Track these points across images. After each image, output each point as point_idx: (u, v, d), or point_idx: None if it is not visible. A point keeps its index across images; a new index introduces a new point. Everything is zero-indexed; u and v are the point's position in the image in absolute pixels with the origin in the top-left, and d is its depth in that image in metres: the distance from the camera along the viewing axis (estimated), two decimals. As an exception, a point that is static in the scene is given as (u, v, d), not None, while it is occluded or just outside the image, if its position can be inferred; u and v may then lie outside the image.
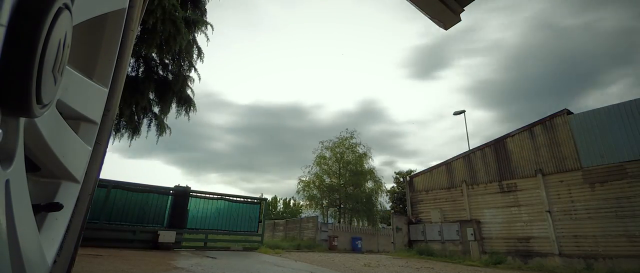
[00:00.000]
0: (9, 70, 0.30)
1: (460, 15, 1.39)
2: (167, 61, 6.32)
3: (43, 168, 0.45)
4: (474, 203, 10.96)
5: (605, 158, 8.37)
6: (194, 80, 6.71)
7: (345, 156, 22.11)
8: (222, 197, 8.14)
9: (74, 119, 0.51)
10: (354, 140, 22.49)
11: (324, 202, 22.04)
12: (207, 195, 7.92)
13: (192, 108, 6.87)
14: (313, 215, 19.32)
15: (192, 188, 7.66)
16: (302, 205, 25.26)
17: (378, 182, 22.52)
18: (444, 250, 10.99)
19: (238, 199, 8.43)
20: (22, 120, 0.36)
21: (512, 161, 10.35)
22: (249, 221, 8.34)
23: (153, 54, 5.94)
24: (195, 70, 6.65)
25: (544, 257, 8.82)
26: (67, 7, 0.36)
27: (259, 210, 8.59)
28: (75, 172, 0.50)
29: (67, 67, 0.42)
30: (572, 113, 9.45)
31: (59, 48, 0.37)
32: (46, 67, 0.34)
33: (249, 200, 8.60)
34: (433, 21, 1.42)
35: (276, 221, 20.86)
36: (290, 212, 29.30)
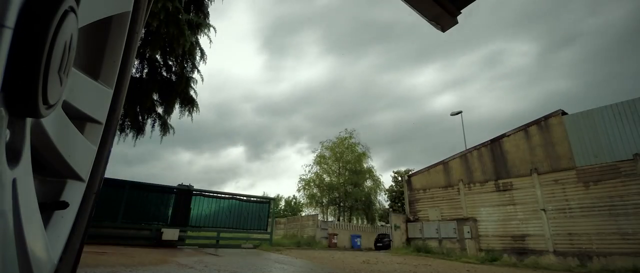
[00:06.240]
0: (16, 71, 0.31)
1: (457, 17, 1.41)
2: (170, 63, 6.33)
3: (49, 168, 0.46)
4: (470, 202, 11.08)
5: (598, 158, 8.49)
6: (196, 81, 6.73)
7: (344, 155, 22.22)
8: (234, 196, 8.33)
9: (79, 119, 0.51)
10: (353, 140, 22.62)
11: (324, 200, 22.17)
12: (216, 195, 8.02)
13: (195, 108, 6.89)
14: (313, 213, 19.40)
15: (195, 187, 7.68)
16: (302, 204, 25.35)
17: (377, 181, 22.68)
18: (441, 248, 11.10)
19: (248, 198, 8.56)
20: (29, 120, 0.36)
21: (508, 160, 10.45)
22: (259, 219, 8.47)
23: (157, 56, 5.93)
24: (198, 71, 6.66)
25: (539, 254, 8.95)
26: (72, 9, 0.37)
27: (268, 209, 8.69)
28: (80, 171, 0.51)
29: (72, 68, 0.43)
30: (566, 113, 9.56)
31: (64, 50, 0.37)
32: (52, 69, 0.35)
33: (259, 199, 8.80)
34: (431, 23, 1.43)
35: (277, 219, 20.91)
36: (291, 210, 29.37)
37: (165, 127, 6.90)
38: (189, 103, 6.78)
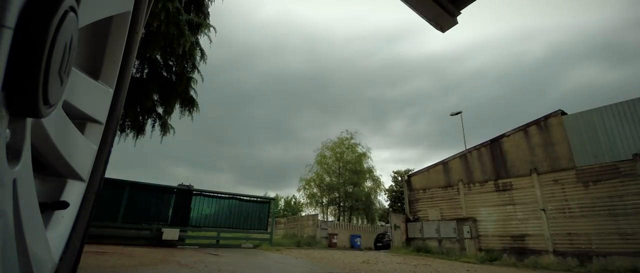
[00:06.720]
0: (17, 71, 0.31)
1: (457, 18, 1.41)
2: (170, 63, 6.32)
3: (49, 167, 0.46)
4: (470, 202, 11.09)
5: (598, 158, 8.50)
6: (197, 81, 6.72)
7: (345, 156, 22.25)
8: (234, 196, 8.33)
9: (80, 119, 0.51)
10: (353, 141, 22.65)
11: (324, 200, 22.19)
12: (216, 194, 8.02)
13: (195, 109, 6.89)
14: (313, 213, 19.42)
15: (195, 187, 7.69)
16: (302, 204, 25.37)
17: (377, 181, 22.71)
18: (441, 248, 11.12)
19: (248, 198, 8.57)
20: (29, 120, 0.36)
21: (507, 160, 10.46)
22: (259, 219, 8.51)
23: (157, 56, 5.93)
24: (198, 71, 6.66)
25: (538, 254, 8.96)
26: (73, 9, 0.37)
27: (268, 209, 8.71)
28: (81, 171, 0.51)
29: (73, 68, 0.43)
30: (566, 113, 9.57)
31: (65, 50, 0.37)
32: (53, 69, 0.35)
33: (259, 199, 8.82)
34: (430, 24, 1.44)
35: (277, 219, 20.97)
36: (291, 210, 29.38)
37: (165, 127, 6.90)
38: (190, 103, 6.78)
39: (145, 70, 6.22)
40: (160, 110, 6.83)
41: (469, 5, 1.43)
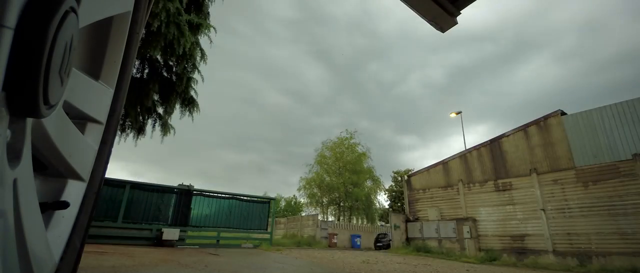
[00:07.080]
0: (17, 71, 0.31)
1: (457, 18, 1.41)
2: (171, 63, 6.33)
3: (50, 168, 0.46)
4: (470, 202, 11.09)
5: (597, 158, 8.51)
6: (197, 81, 6.73)
7: (345, 156, 22.25)
8: (234, 196, 8.34)
9: (80, 119, 0.51)
10: (353, 140, 22.67)
11: (324, 200, 22.20)
12: (216, 194, 8.03)
13: (195, 109, 6.90)
14: (313, 213, 19.44)
15: (195, 187, 7.71)
16: (302, 204, 25.39)
17: (377, 181, 22.73)
18: (441, 247, 11.12)
19: (248, 198, 8.58)
20: (30, 120, 0.36)
21: (507, 161, 10.47)
22: (259, 220, 8.52)
23: (157, 56, 5.93)
24: (199, 71, 6.67)
25: (538, 254, 8.97)
26: (73, 10, 0.37)
27: (268, 209, 8.71)
28: (81, 171, 0.51)
29: (73, 68, 0.43)
30: (565, 113, 9.58)
31: (65, 50, 0.37)
32: (53, 69, 0.35)
33: (259, 199, 8.85)
34: (430, 24, 1.44)
35: (277, 219, 20.97)
36: (291, 210, 29.40)
37: (165, 128, 6.91)
38: (190, 103, 6.79)
39: (146, 70, 6.23)
40: (160, 110, 6.84)
41: (469, 6, 1.43)
